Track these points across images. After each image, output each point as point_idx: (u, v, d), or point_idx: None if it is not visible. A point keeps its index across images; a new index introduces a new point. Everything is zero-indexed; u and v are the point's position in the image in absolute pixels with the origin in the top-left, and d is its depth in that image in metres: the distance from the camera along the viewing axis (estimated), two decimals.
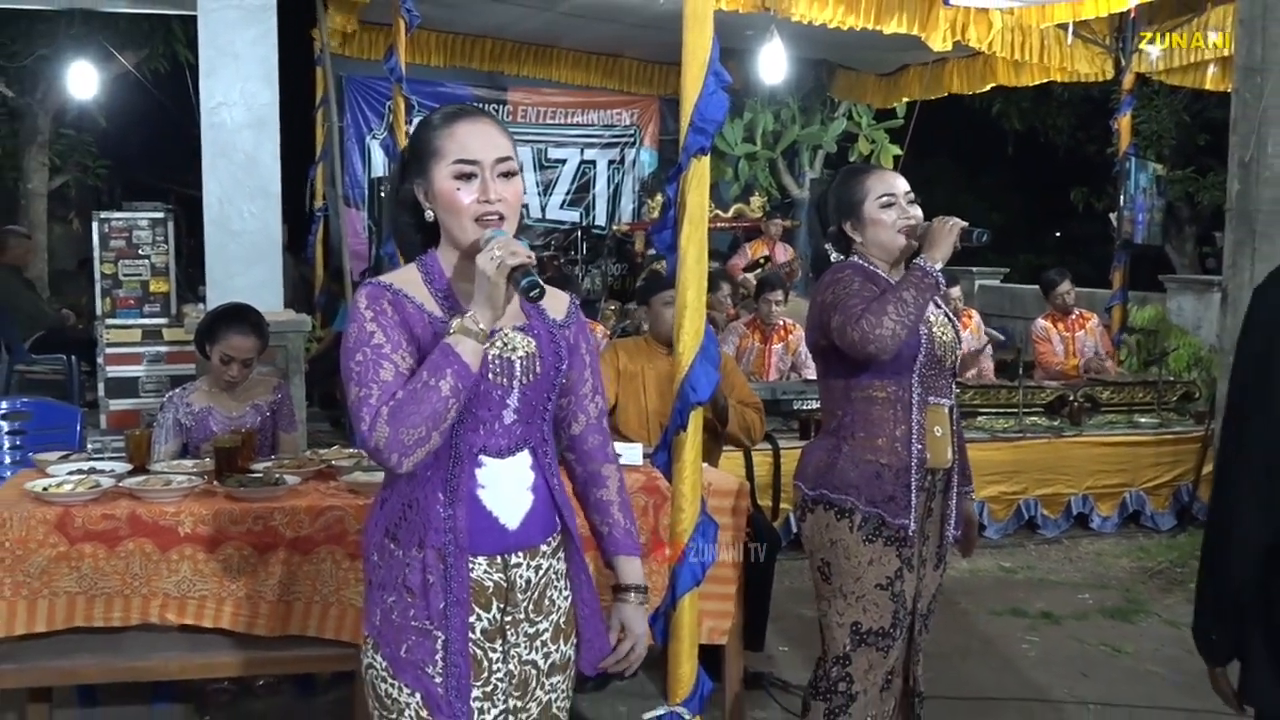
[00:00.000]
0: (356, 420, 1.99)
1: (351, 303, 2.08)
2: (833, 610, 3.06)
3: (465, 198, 2.09)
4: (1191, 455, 7.12)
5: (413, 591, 2.08)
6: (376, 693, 2.13)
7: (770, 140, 12.27)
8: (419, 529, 2.09)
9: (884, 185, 3.08)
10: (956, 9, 7.87)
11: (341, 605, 3.47)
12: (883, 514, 2.98)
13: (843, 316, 2.91)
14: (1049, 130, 15.46)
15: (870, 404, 3.02)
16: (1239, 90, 6.27)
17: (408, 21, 7.05)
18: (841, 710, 3.05)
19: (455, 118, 2.15)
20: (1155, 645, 5.16)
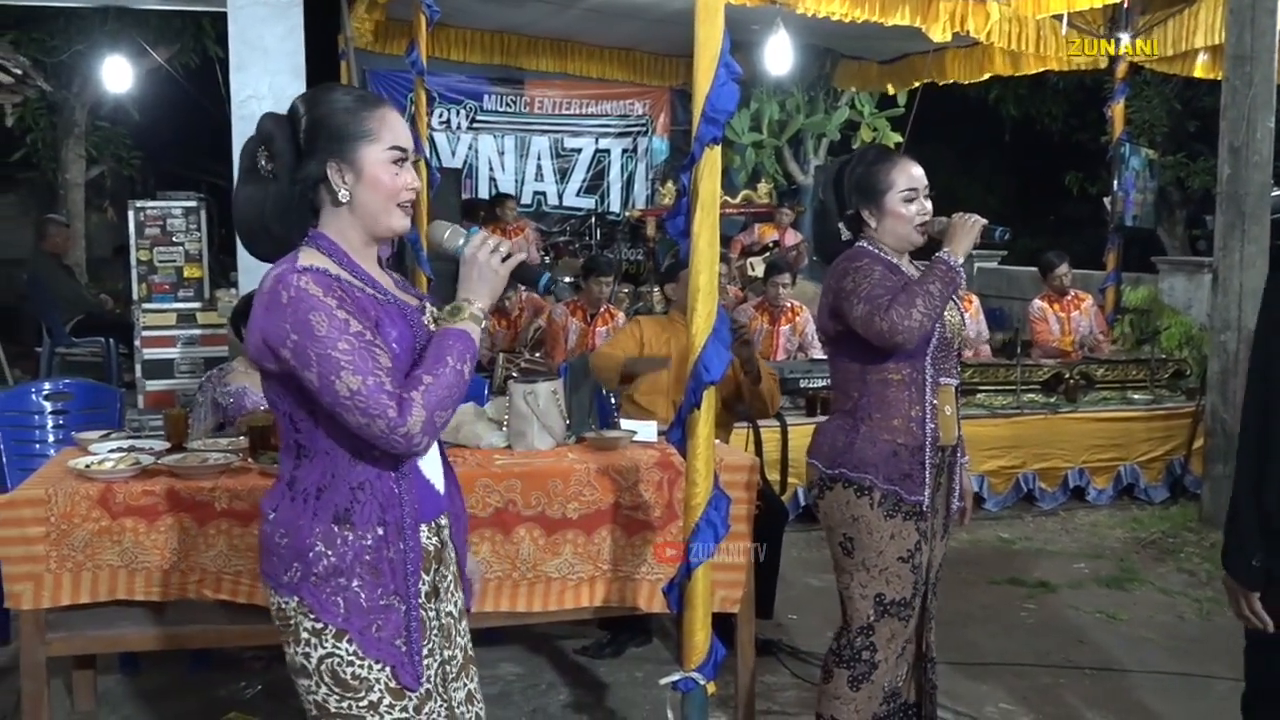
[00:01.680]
0: (371, 407, 1.90)
1: (285, 291, 1.94)
2: (855, 583, 3.06)
3: (397, 182, 2.07)
4: (1183, 430, 7.10)
5: (376, 570, 2.03)
6: (339, 679, 2.03)
7: (776, 129, 12.23)
8: (375, 508, 2.04)
9: (907, 179, 3.03)
10: (956, 1, 7.81)
11: None
12: (900, 491, 2.98)
13: (869, 306, 2.89)
14: (1044, 118, 15.37)
15: (886, 386, 3.00)
16: (1229, 78, 6.23)
17: (428, 17, 7.01)
18: (864, 678, 3.05)
19: (379, 103, 2.10)
20: (1149, 612, 5.15)
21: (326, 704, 2.06)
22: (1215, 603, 5.25)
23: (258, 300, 2.00)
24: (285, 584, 2.03)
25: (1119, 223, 9.15)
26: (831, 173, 3.17)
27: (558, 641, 4.57)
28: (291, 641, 2.06)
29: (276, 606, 2.07)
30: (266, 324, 1.95)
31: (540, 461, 3.68)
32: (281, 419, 2.07)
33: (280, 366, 1.97)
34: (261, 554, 2.09)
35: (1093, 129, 13.73)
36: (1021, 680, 4.33)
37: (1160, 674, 4.42)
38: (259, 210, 2.05)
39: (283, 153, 2.03)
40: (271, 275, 2.00)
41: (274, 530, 2.05)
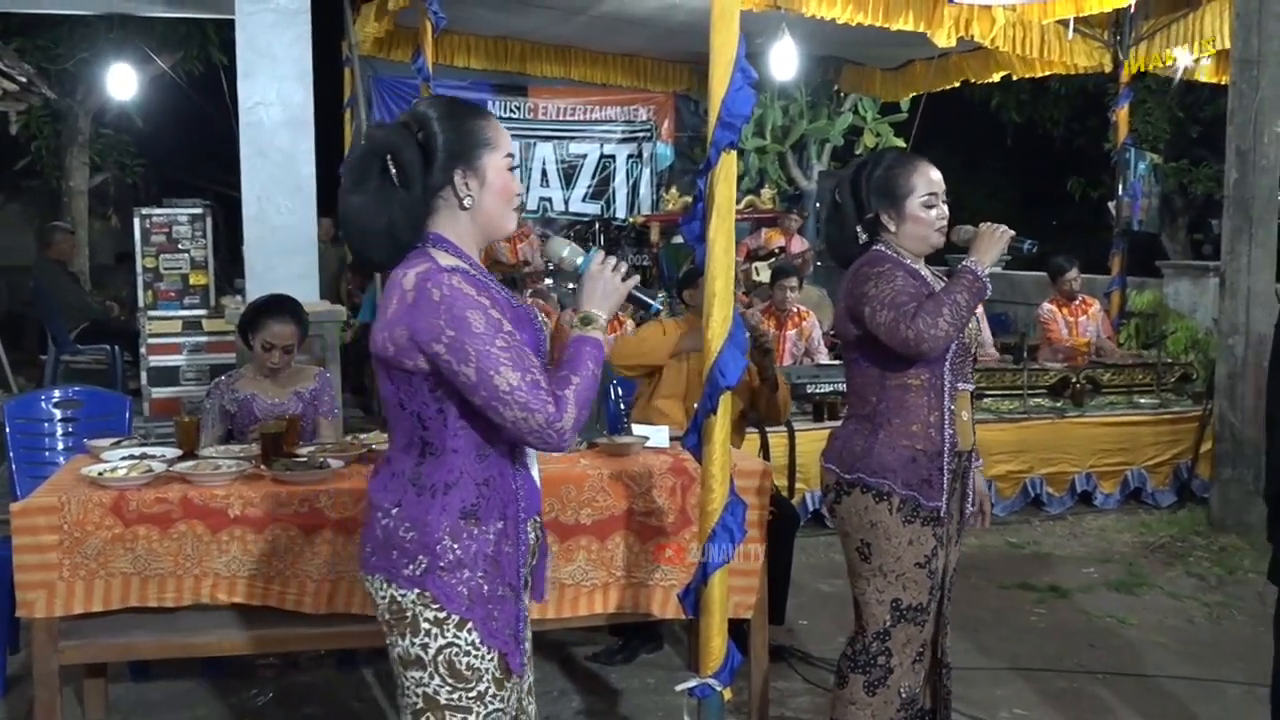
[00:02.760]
0: (531, 402, 2.01)
1: (436, 289, 2.03)
2: (872, 588, 3.03)
3: (513, 187, 2.20)
4: (1189, 434, 7.08)
5: (495, 562, 2.14)
6: (454, 670, 2.11)
7: (779, 134, 12.23)
8: (498, 504, 2.15)
9: (927, 184, 3.02)
10: (960, 6, 7.81)
11: None
12: (918, 496, 2.96)
13: (894, 313, 2.87)
14: (1046, 123, 15.37)
15: (905, 391, 2.99)
16: (1236, 82, 6.23)
17: (434, 24, 7.02)
18: (880, 682, 3.04)
19: (489, 113, 2.24)
20: (1159, 617, 5.14)
21: (437, 695, 2.12)
22: (1225, 607, 5.24)
23: (396, 300, 2.06)
24: (407, 576, 2.10)
25: (1125, 227, 9.15)
26: (848, 176, 3.14)
27: (569, 648, 4.55)
28: (408, 633, 2.11)
29: (389, 599, 2.13)
30: (414, 321, 2.03)
31: (553, 468, 3.66)
32: (407, 418, 2.13)
33: (426, 363, 2.05)
34: (375, 548, 2.14)
35: (1094, 134, 13.74)
36: (1035, 685, 4.32)
37: (1173, 678, 4.41)
38: (383, 218, 2.12)
39: (412, 162, 2.11)
40: (410, 275, 2.07)
41: (398, 525, 2.12)
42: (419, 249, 2.15)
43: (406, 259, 2.13)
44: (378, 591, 2.15)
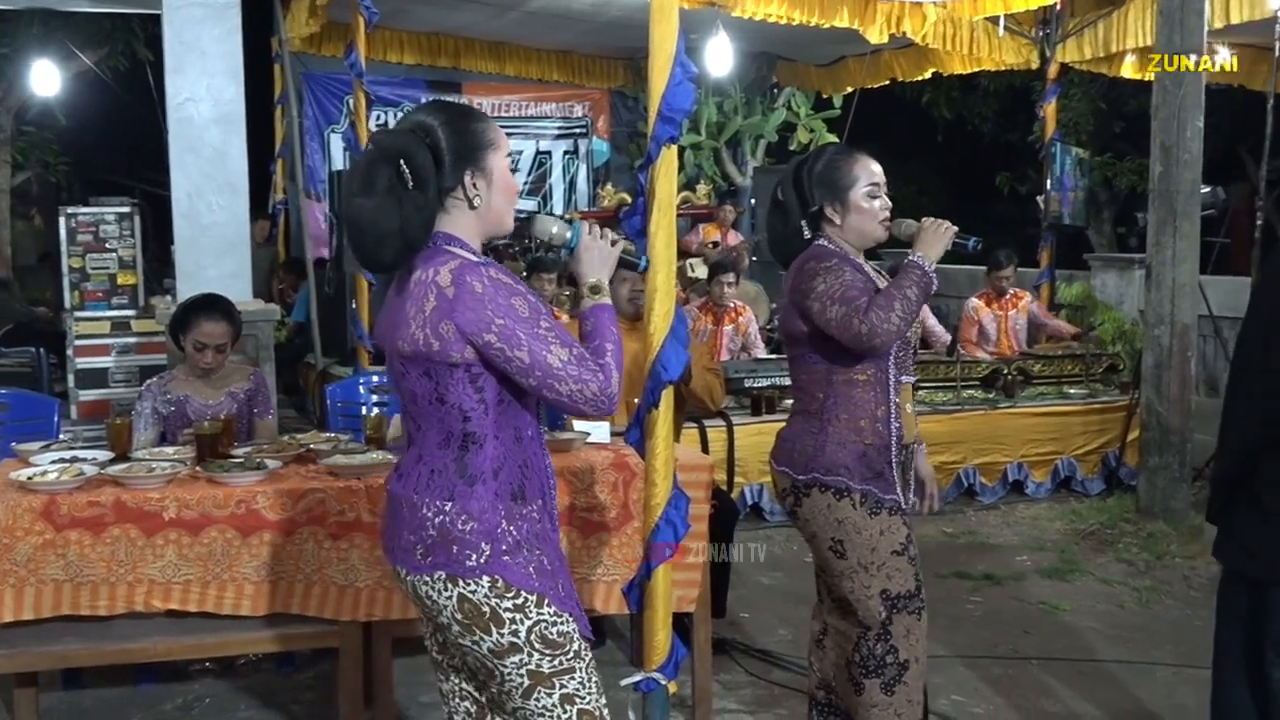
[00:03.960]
0: (583, 374, 2.13)
1: (477, 282, 2.12)
2: (858, 584, 3.00)
3: (514, 185, 2.32)
4: (1117, 423, 7.23)
5: (542, 538, 2.26)
6: (548, 641, 2.21)
7: (715, 131, 12.26)
8: (537, 483, 2.27)
9: (869, 174, 3.03)
10: (893, 3, 7.90)
11: (324, 584, 3.43)
12: (875, 490, 2.97)
13: (846, 309, 2.86)
14: (975, 119, 15.58)
15: (852, 386, 2.99)
16: (1160, 78, 6.34)
17: (367, 19, 6.94)
18: (896, 680, 3.00)
19: (486, 116, 2.32)
20: (1090, 602, 5.24)
21: (540, 668, 2.21)
22: (1153, 591, 5.36)
23: (434, 298, 2.13)
24: (472, 568, 2.17)
25: (1053, 221, 9.30)
26: (790, 172, 3.14)
27: None
28: (492, 628, 2.18)
29: (457, 598, 2.18)
30: (460, 314, 2.11)
31: None
32: (448, 412, 2.19)
33: (472, 354, 2.14)
34: (431, 547, 2.19)
35: (1022, 129, 13.95)
36: (972, 672, 4.38)
37: (1104, 662, 4.50)
38: (395, 220, 2.16)
39: (425, 166, 2.18)
40: (444, 271, 2.15)
41: (455, 519, 2.18)
42: (434, 248, 2.21)
43: (425, 259, 2.20)
44: (440, 592, 2.19)
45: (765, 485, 6.38)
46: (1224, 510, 2.84)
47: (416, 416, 2.26)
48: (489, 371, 2.17)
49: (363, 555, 3.43)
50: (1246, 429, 2.74)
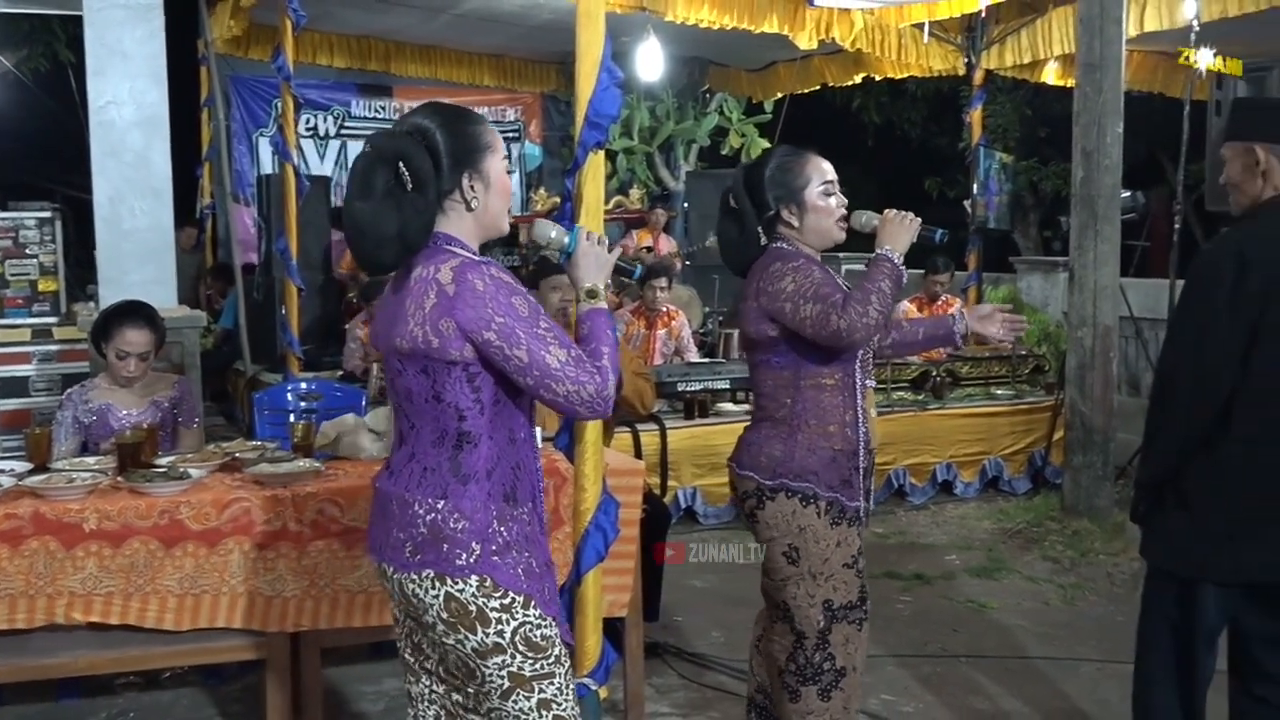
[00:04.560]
0: (580, 374, 2.15)
1: (478, 280, 2.14)
2: (802, 591, 2.98)
3: (510, 187, 2.34)
4: (1043, 423, 7.36)
5: (532, 541, 2.28)
6: (531, 643, 2.22)
7: (647, 135, 12.30)
8: (528, 485, 2.30)
9: (821, 173, 2.99)
10: (821, 9, 7.98)
11: (250, 595, 3.37)
12: (841, 498, 2.95)
13: (822, 306, 2.80)
14: (904, 124, 15.80)
15: (820, 391, 2.95)
16: (1081, 85, 6.47)
17: (294, 21, 6.87)
18: (833, 686, 2.99)
19: (482, 119, 2.33)
20: (1016, 600, 5.32)
21: (522, 670, 2.22)
22: (1078, 588, 5.45)
23: (434, 295, 2.15)
24: (461, 567, 2.18)
25: (979, 224, 9.45)
26: (740, 178, 3.08)
27: None
28: (478, 626, 2.19)
29: (444, 596, 2.19)
30: (460, 312, 2.13)
31: None
32: (443, 410, 2.21)
33: (471, 353, 2.16)
34: (420, 545, 2.20)
35: (950, 134, 14.17)
36: (902, 671, 4.43)
37: (1030, 658, 4.57)
38: (394, 223, 2.18)
39: (424, 169, 2.19)
40: (445, 270, 2.16)
41: (447, 517, 2.20)
42: (433, 248, 2.23)
43: (425, 257, 2.22)
44: (427, 590, 2.20)
45: (699, 488, 6.41)
46: (1151, 510, 2.90)
47: (411, 414, 2.26)
48: (486, 371, 2.19)
49: (290, 565, 3.38)
50: (1176, 430, 2.80)
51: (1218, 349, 2.72)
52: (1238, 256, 2.72)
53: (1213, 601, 2.84)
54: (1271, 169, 2.80)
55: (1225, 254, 2.77)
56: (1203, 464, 2.78)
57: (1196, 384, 2.75)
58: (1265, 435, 2.74)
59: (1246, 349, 2.71)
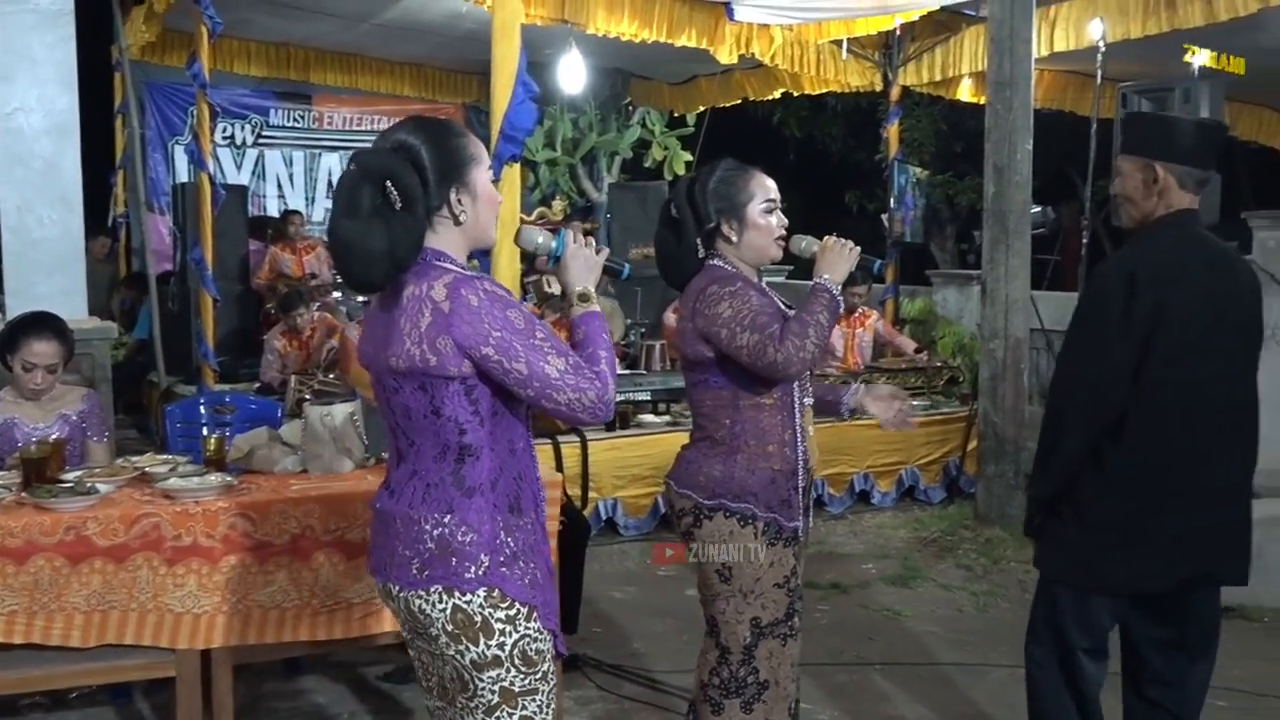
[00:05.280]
0: (580, 382, 2.15)
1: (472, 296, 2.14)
2: (731, 608, 2.97)
3: (499, 196, 2.34)
4: (958, 434, 7.49)
5: (536, 551, 2.29)
6: (526, 658, 2.23)
7: (570, 146, 12.31)
8: (530, 495, 2.31)
9: (765, 190, 2.98)
10: (741, 24, 8.06)
11: (159, 611, 3.32)
12: (780, 519, 2.94)
13: (759, 336, 2.79)
14: (825, 138, 15.98)
15: (759, 411, 2.94)
16: (992, 102, 6.62)
17: (210, 29, 6.78)
18: (756, 699, 2.99)
19: (465, 130, 2.33)
20: (930, 608, 5.41)
21: (511, 686, 2.22)
22: (990, 595, 5.56)
23: (429, 313, 2.15)
24: (470, 579, 2.19)
25: (896, 238, 9.61)
26: (683, 187, 3.05)
27: (360, 669, 4.46)
28: (480, 637, 2.20)
29: (451, 609, 2.19)
30: (457, 328, 2.13)
31: (339, 485, 3.59)
32: (444, 425, 2.20)
33: (469, 368, 2.16)
34: (429, 560, 2.20)
35: (869, 149, 14.36)
36: (818, 680, 4.47)
37: (942, 665, 4.65)
38: (383, 241, 2.15)
39: (412, 185, 2.17)
40: (438, 286, 2.16)
41: (455, 530, 2.20)
42: (424, 264, 2.21)
43: (417, 274, 2.20)
44: (434, 605, 2.20)
45: (620, 500, 6.42)
46: (1045, 523, 2.96)
47: (409, 432, 2.25)
48: (484, 384, 2.19)
49: (200, 581, 3.33)
50: (1071, 447, 2.87)
51: (1110, 370, 2.79)
52: (1128, 278, 2.79)
53: (1105, 609, 2.93)
54: (1168, 187, 2.87)
55: (1116, 275, 2.84)
56: (1096, 478, 2.86)
57: (1090, 404, 2.83)
58: (1155, 451, 2.83)
59: (1137, 368, 2.79)
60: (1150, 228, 2.91)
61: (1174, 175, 2.87)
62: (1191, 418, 2.84)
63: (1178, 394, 2.82)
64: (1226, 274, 2.92)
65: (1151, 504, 2.84)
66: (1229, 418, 2.92)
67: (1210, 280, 2.86)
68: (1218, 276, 2.89)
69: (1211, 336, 2.85)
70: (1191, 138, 2.91)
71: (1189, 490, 2.86)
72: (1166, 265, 2.82)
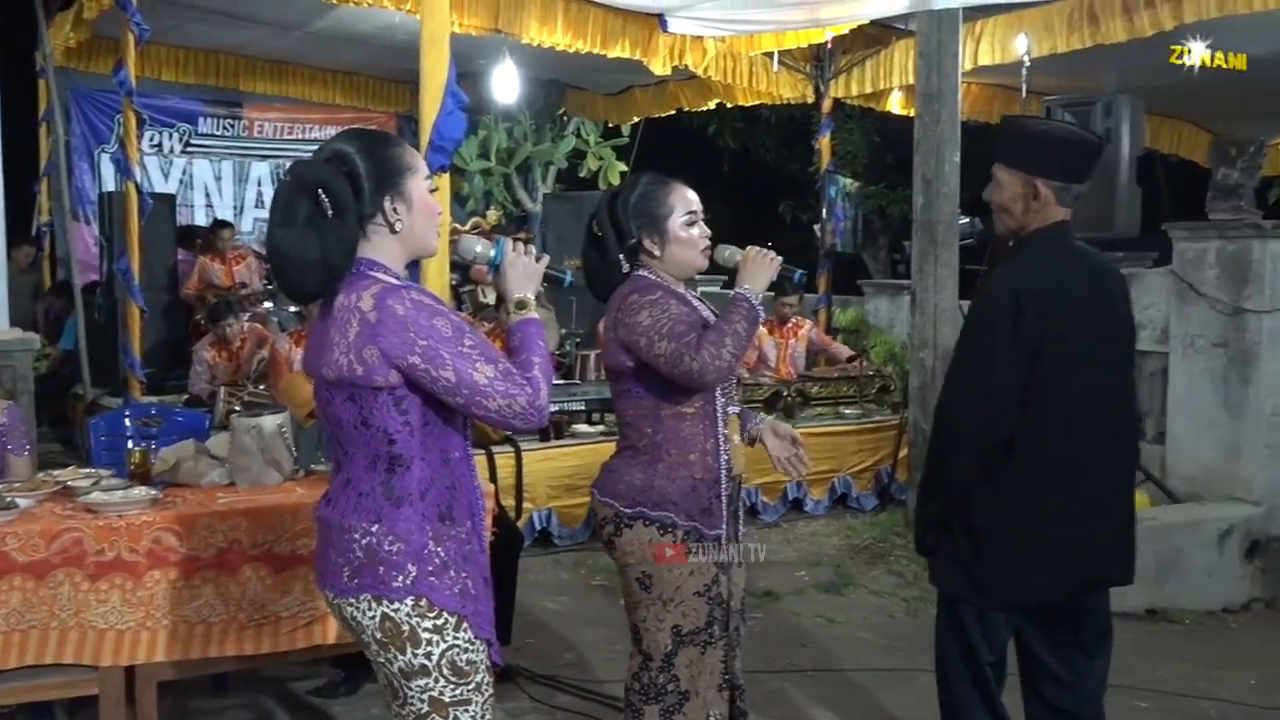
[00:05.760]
0: (511, 388, 2.16)
1: (399, 305, 2.15)
2: (651, 616, 2.98)
3: (434, 206, 2.33)
4: (890, 442, 7.58)
5: (470, 559, 2.29)
6: (456, 668, 2.23)
7: (504, 156, 12.29)
8: (465, 504, 2.30)
9: (685, 203, 2.99)
10: (675, 36, 8.10)
11: (82, 628, 3.26)
12: (700, 527, 2.94)
13: (676, 345, 2.80)
14: (759, 149, 16.11)
15: (680, 420, 2.94)
16: (920, 115, 6.72)
17: (137, 35, 6.67)
18: (676, 709, 2.98)
19: (403, 141, 2.38)
20: (863, 614, 5.47)
21: (442, 696, 2.23)
22: (920, 600, 5.62)
23: (356, 324, 2.16)
24: (398, 588, 2.20)
25: (829, 248, 9.71)
26: (604, 203, 3.05)
27: (289, 683, 4.40)
28: (408, 646, 2.21)
29: (380, 618, 2.21)
30: (384, 338, 2.14)
31: (267, 498, 3.56)
32: (373, 435, 2.22)
33: (396, 378, 2.16)
34: (358, 569, 2.22)
35: (803, 160, 14.50)
36: (752, 687, 4.41)
37: (874, 671, 4.70)
38: (316, 249, 2.18)
39: (344, 194, 2.20)
40: (366, 297, 2.17)
41: (381, 540, 2.21)
42: (356, 274, 2.23)
43: (348, 285, 2.22)
44: (364, 613, 2.22)
45: (554, 510, 6.41)
46: (938, 541, 2.98)
47: (343, 441, 2.28)
48: (413, 394, 2.20)
49: (124, 596, 3.28)
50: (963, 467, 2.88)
51: (1002, 391, 2.82)
52: (1014, 296, 2.82)
53: (1003, 621, 2.98)
54: (1048, 203, 2.90)
55: (1003, 294, 2.86)
56: (987, 493, 2.88)
57: (984, 427, 2.84)
58: (1041, 463, 2.87)
59: (1026, 387, 2.82)
60: (1029, 240, 2.93)
61: (1053, 191, 2.89)
62: (1073, 429, 2.88)
63: (1061, 406, 2.85)
64: (1102, 285, 2.97)
65: (1040, 515, 2.88)
66: (1110, 427, 2.98)
67: (1089, 292, 2.92)
68: (1095, 288, 2.94)
69: (1092, 348, 2.90)
70: (1071, 154, 2.94)
71: (1074, 500, 2.91)
72: (1049, 281, 2.86)
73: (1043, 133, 3.05)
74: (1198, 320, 6.36)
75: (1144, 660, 4.94)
